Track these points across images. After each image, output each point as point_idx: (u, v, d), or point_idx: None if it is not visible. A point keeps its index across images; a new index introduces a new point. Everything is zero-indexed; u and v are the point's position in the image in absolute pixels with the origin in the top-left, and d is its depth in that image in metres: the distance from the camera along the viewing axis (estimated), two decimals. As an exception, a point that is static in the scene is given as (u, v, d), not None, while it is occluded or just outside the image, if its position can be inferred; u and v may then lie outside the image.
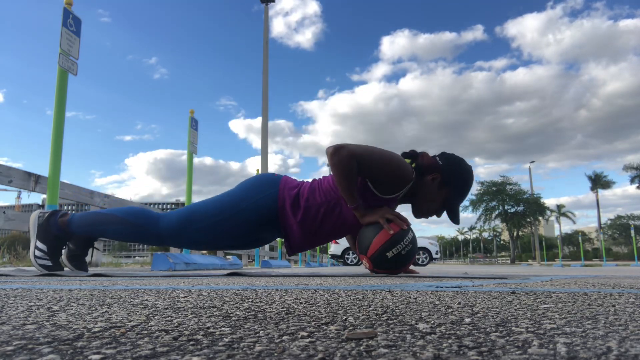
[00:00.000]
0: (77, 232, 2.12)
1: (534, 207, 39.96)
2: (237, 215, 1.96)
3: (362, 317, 0.61)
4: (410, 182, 1.97)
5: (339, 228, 2.00)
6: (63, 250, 2.23)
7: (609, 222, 63.52)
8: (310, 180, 2.10)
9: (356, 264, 13.95)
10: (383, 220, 1.90)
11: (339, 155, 1.85)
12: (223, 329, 0.51)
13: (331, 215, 1.97)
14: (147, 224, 2.03)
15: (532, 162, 46.76)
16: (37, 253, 2.10)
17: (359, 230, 2.04)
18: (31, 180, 3.47)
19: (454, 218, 2.10)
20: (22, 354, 0.38)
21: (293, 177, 2.10)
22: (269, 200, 1.97)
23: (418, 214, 2.12)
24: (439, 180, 2.02)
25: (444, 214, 2.14)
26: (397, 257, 1.90)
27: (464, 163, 2.11)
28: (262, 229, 2.02)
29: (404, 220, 1.94)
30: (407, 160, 2.06)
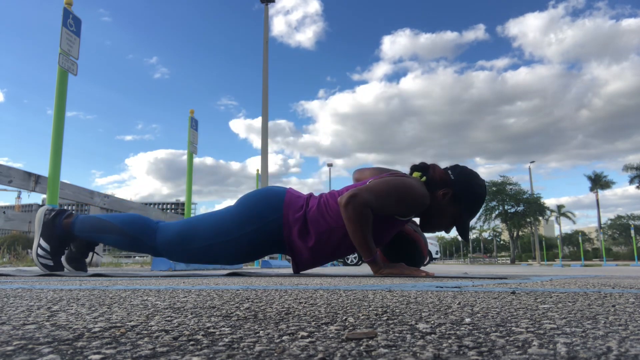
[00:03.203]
0: (78, 235, 2.12)
1: (534, 207, 39.93)
2: (237, 241, 1.90)
3: (362, 317, 0.61)
4: (425, 207, 1.90)
5: (349, 247, 1.93)
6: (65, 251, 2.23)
7: (609, 222, 63.50)
8: (315, 194, 2.00)
9: (356, 264, 13.95)
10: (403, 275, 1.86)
11: (352, 206, 1.79)
12: (223, 329, 0.51)
13: (342, 236, 1.88)
14: (144, 237, 2.00)
15: (532, 162, 46.73)
16: (40, 252, 2.10)
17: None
18: (31, 180, 3.47)
19: (464, 235, 2.01)
20: (22, 354, 0.38)
21: (296, 191, 2.00)
22: (272, 226, 1.89)
23: (427, 228, 2.04)
24: (450, 196, 1.94)
25: (453, 229, 2.07)
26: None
27: (477, 178, 2.01)
28: (264, 250, 1.98)
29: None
30: (417, 174, 1.99)
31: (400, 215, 1.91)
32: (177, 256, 2.01)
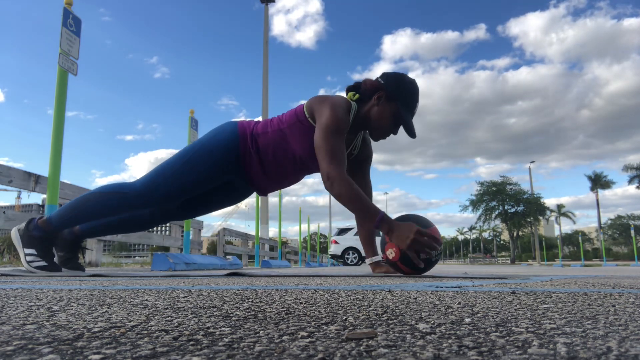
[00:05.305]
0: (59, 225, 2.11)
1: (534, 207, 39.92)
2: (201, 152, 2.01)
3: (362, 317, 0.61)
4: (347, 121, 1.98)
5: (291, 158, 2.04)
6: (55, 254, 2.22)
7: (609, 222, 63.50)
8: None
9: (356, 264, 13.94)
10: (418, 234, 1.77)
11: (337, 187, 1.85)
12: (223, 329, 0.51)
13: (281, 143, 2.02)
14: (123, 189, 2.04)
15: (532, 162, 46.77)
16: (29, 258, 2.09)
17: (312, 168, 2.09)
18: (31, 180, 3.47)
19: (409, 131, 2.09)
20: (22, 354, 0.38)
21: (245, 120, 2.16)
22: (229, 132, 2.03)
23: (375, 135, 2.12)
24: (385, 96, 2.04)
25: (402, 132, 2.14)
26: (427, 261, 1.87)
27: (405, 75, 2.13)
28: (227, 164, 2.04)
29: (438, 243, 1.85)
30: (351, 94, 2.11)
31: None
32: (157, 193, 2.02)
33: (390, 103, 2.05)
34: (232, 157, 2.03)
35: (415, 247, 1.76)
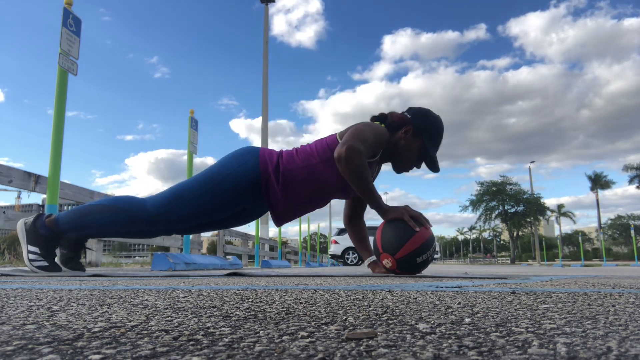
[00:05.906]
0: (65, 228, 2.10)
1: (534, 207, 39.92)
2: (220, 184, 1.98)
3: (362, 317, 0.61)
4: (385, 142, 2.05)
5: (320, 191, 2.04)
6: (57, 252, 2.22)
7: (609, 222, 63.53)
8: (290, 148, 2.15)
9: (356, 264, 13.95)
10: (407, 217, 1.90)
11: (351, 157, 1.87)
12: (223, 329, 0.51)
13: (312, 178, 2.00)
14: (133, 208, 2.03)
15: (532, 162, 46.79)
16: (31, 256, 2.09)
17: (344, 198, 2.12)
18: (31, 180, 3.47)
19: (433, 167, 2.15)
20: (22, 354, 0.38)
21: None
22: (251, 166, 2.00)
23: (399, 168, 2.18)
24: (411, 132, 2.10)
25: (424, 166, 2.20)
26: (423, 263, 1.91)
27: (432, 112, 2.18)
28: (247, 196, 2.03)
29: (427, 220, 1.94)
30: (376, 123, 2.14)
31: (372, 155, 2.05)
32: (170, 217, 2.01)
33: (417, 138, 2.10)
34: (251, 191, 2.01)
35: (410, 213, 1.92)
